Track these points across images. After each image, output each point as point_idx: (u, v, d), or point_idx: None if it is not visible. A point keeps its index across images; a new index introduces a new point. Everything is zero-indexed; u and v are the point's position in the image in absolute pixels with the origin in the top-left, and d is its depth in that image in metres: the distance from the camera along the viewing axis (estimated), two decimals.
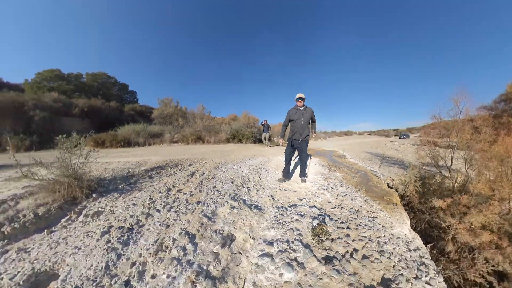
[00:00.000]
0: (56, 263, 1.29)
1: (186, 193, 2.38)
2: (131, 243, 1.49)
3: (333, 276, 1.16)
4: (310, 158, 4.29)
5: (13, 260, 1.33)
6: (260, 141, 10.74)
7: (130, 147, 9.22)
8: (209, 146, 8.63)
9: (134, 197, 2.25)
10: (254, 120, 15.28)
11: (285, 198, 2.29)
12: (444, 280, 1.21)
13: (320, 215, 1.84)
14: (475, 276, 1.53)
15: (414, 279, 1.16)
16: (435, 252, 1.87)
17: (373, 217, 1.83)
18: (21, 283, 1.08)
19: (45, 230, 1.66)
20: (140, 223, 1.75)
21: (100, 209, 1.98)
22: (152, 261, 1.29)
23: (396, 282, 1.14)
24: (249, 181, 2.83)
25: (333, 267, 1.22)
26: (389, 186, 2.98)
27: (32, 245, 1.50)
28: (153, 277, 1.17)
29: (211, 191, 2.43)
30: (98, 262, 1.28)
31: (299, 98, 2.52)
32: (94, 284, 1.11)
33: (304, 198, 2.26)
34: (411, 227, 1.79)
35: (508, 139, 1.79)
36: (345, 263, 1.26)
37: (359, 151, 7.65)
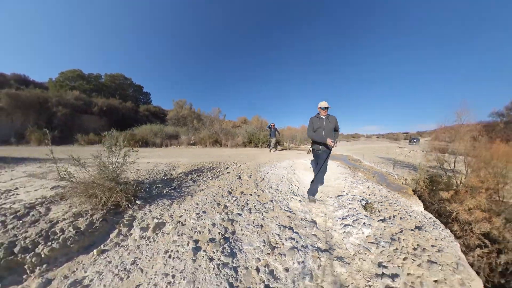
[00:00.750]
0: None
1: (251, 194, 2.27)
2: (237, 252, 1.30)
3: (388, 227, 1.71)
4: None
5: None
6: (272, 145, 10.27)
7: (148, 147, 8.98)
8: (228, 150, 8.26)
9: (197, 204, 1.86)
10: (266, 123, 14.91)
11: (329, 191, 2.66)
12: None
13: (363, 199, 2.35)
14: (474, 239, 2.13)
15: (432, 228, 1.76)
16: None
17: (397, 200, 2.41)
18: None
19: (94, 250, 1.25)
20: (230, 230, 1.53)
21: (157, 219, 1.57)
22: (275, 259, 1.27)
23: (423, 228, 1.72)
24: (293, 180, 3.02)
25: (387, 223, 1.78)
26: (404, 184, 3.55)
27: (84, 272, 1.08)
28: (286, 270, 1.17)
29: (272, 190, 2.47)
30: (215, 283, 1.00)
31: (325, 107, 2.34)
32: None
33: (344, 191, 2.65)
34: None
35: (495, 147, 2.48)
36: (392, 220, 1.85)
37: (371, 155, 8.07)
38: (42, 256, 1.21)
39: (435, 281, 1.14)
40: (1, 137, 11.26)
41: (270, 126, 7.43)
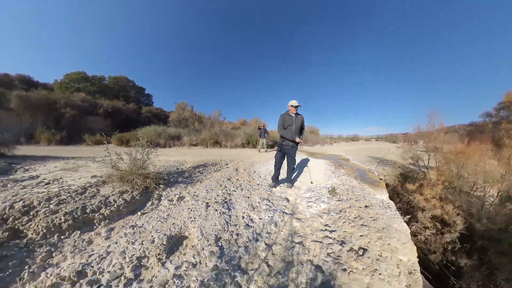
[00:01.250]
0: (182, 228, 1.60)
1: (244, 180, 2.99)
2: (231, 209, 2.04)
3: (341, 204, 2.30)
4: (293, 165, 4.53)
5: (134, 233, 1.55)
6: (271, 146, 10.91)
7: (153, 148, 9.57)
8: (228, 150, 8.89)
9: (205, 186, 2.59)
10: (264, 125, 15.58)
11: (308, 182, 3.18)
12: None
13: (332, 187, 2.87)
14: (425, 220, 2.62)
15: (379, 208, 2.25)
16: (412, 220, 2.81)
17: (362, 190, 2.86)
18: (165, 241, 1.30)
19: (138, 213, 1.89)
20: (228, 199, 2.26)
21: (178, 195, 2.23)
22: (253, 213, 2.01)
23: (370, 207, 2.25)
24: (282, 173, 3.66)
25: (341, 202, 2.37)
26: (380, 179, 3.93)
27: (135, 222, 1.72)
28: (260, 219, 1.88)
29: (261, 179, 3.16)
30: (218, 221, 1.75)
31: (296, 106, 2.47)
32: (224, 229, 1.64)
33: (319, 182, 3.21)
34: (397, 207, 2.68)
35: (458, 147, 2.98)
36: (347, 201, 2.39)
37: (363, 155, 8.38)
38: (105, 215, 1.85)
39: (361, 235, 1.77)
40: (12, 137, 11.83)
41: (260, 127, 7.99)
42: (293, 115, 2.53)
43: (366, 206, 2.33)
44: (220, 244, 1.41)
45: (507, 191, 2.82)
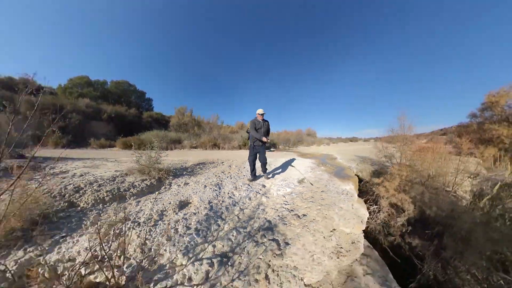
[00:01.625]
0: (188, 198, 2.47)
1: (234, 173, 3.87)
2: (221, 188, 2.95)
3: (303, 189, 2.99)
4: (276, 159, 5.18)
5: (155, 201, 2.35)
6: (267, 148, 11.74)
7: (161, 150, 10.32)
8: (226, 152, 9.69)
9: (204, 176, 3.41)
10: None
11: (286, 176, 3.84)
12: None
13: (303, 179, 3.48)
14: (385, 205, 3.12)
15: (335, 193, 2.84)
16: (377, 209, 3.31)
17: (331, 181, 3.42)
18: (177, 203, 2.09)
19: (156, 192, 2.68)
20: (220, 183, 3.16)
21: (185, 184, 3.02)
22: (236, 191, 2.91)
23: (326, 191, 2.84)
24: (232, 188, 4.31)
25: (305, 187, 3.06)
26: (356, 175, 4.36)
27: (155, 197, 2.52)
28: (240, 195, 2.77)
29: (248, 172, 3.94)
30: (211, 194, 2.67)
31: (262, 114, 3.12)
32: (215, 198, 2.47)
33: (297, 175, 3.83)
34: (367, 198, 3.47)
35: (419, 147, 3.55)
36: (309, 187, 3.06)
37: (351, 154, 8.64)
38: (133, 193, 2.64)
39: (306, 207, 2.54)
40: (20, 140, 12.48)
41: (248, 132, 8.63)
42: (261, 120, 3.14)
43: (322, 191, 3.07)
44: (211, 205, 2.23)
45: (458, 183, 3.45)
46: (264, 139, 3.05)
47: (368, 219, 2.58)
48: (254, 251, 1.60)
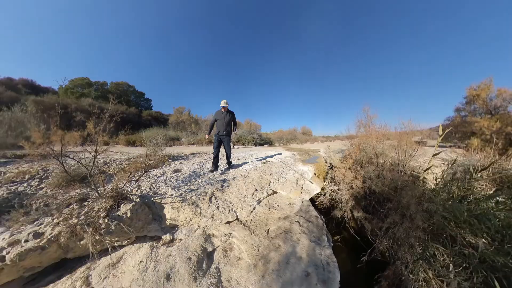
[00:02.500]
0: (180, 168, 3.45)
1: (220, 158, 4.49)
2: (204, 164, 3.94)
3: (264, 166, 3.92)
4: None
5: (159, 169, 3.32)
6: (261, 144, 12.69)
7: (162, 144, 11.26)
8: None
9: (194, 160, 4.35)
10: (255, 126, 17.42)
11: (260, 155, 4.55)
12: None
13: (267, 161, 4.41)
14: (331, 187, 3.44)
15: (289, 169, 3.87)
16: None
17: (293, 163, 4.31)
18: (173, 170, 3.08)
19: (160, 167, 3.64)
20: (205, 162, 4.09)
21: (180, 163, 4.00)
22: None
23: (281, 169, 3.71)
24: (247, 156, 5.26)
25: (265, 166, 3.98)
26: (325, 161, 4.99)
27: (160, 168, 3.48)
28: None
29: (236, 158, 4.78)
30: (197, 166, 3.62)
31: (223, 106, 3.23)
32: (198, 168, 3.45)
33: (269, 155, 4.78)
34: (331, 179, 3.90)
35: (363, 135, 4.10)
36: (269, 166, 3.94)
37: (335, 148, 9.55)
38: (147, 165, 3.59)
39: (254, 174, 3.52)
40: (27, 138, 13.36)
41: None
42: (224, 112, 3.26)
43: (278, 168, 3.94)
44: (194, 171, 3.26)
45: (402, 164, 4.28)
46: (206, 136, 3.80)
47: (324, 194, 3.34)
48: (208, 188, 2.61)
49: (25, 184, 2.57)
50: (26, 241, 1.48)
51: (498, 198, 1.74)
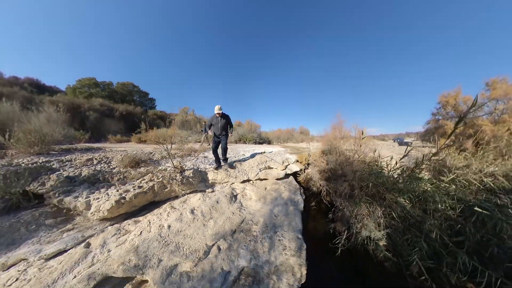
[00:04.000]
0: (206, 155, 4.93)
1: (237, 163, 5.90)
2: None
3: (265, 156, 5.15)
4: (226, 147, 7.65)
5: (193, 156, 4.75)
6: (260, 143, 14.13)
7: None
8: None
9: (206, 153, 5.72)
10: (255, 126, 18.85)
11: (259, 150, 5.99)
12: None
13: (264, 152, 5.70)
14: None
15: (278, 157, 5.26)
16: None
17: (283, 153, 5.69)
18: (202, 155, 4.51)
19: (191, 156, 5.05)
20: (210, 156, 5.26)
21: (203, 154, 5.41)
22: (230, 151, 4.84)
23: (270, 157, 5.07)
24: (241, 151, 6.49)
25: (266, 155, 5.32)
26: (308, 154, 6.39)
27: (193, 156, 4.90)
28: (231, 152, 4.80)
29: (240, 152, 6.04)
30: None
31: (217, 112, 3.50)
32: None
33: (264, 150, 6.01)
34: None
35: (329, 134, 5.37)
36: (269, 155, 5.30)
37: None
38: (176, 156, 5.01)
39: (256, 158, 4.96)
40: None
41: (204, 122, 10.74)
42: (218, 117, 3.53)
43: (270, 156, 5.46)
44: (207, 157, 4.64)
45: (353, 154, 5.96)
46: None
47: (304, 171, 4.76)
48: (239, 166, 4.04)
49: (98, 166, 3.77)
50: (134, 190, 2.88)
51: (425, 177, 2.36)
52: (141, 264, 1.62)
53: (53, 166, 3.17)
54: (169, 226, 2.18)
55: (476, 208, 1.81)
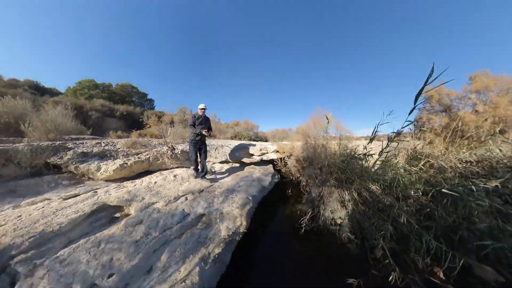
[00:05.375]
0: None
1: (221, 144, 6.67)
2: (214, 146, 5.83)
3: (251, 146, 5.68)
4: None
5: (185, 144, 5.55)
6: (256, 141, 14.87)
7: None
8: (220, 140, 12.85)
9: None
10: (252, 125, 19.66)
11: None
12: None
13: (255, 145, 6.24)
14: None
15: (266, 148, 5.84)
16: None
17: (267, 145, 6.28)
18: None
19: (184, 143, 5.85)
20: (214, 145, 6.06)
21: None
22: (220, 148, 5.63)
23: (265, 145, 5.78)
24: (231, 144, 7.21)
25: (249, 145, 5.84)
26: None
27: (185, 144, 5.70)
28: (221, 149, 5.52)
29: (227, 147, 6.76)
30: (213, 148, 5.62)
31: (202, 108, 3.19)
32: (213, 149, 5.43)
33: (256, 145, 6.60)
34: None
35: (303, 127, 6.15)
36: (256, 145, 5.82)
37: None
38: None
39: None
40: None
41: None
42: (202, 115, 3.25)
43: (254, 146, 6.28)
44: (213, 147, 5.43)
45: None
46: (204, 132, 3.08)
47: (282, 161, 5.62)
48: (220, 149, 4.81)
49: (106, 147, 4.62)
50: (134, 159, 3.66)
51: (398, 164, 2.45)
52: (130, 199, 2.37)
53: (68, 146, 3.95)
54: (155, 182, 2.98)
55: (444, 190, 1.79)
